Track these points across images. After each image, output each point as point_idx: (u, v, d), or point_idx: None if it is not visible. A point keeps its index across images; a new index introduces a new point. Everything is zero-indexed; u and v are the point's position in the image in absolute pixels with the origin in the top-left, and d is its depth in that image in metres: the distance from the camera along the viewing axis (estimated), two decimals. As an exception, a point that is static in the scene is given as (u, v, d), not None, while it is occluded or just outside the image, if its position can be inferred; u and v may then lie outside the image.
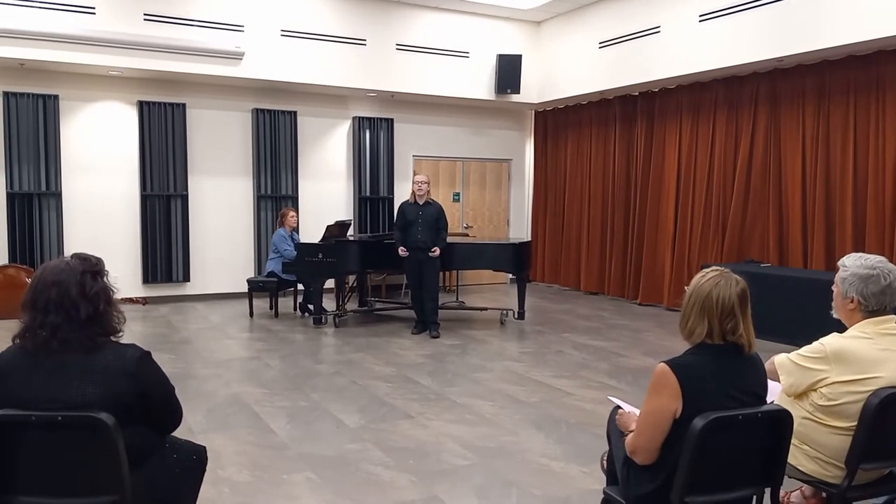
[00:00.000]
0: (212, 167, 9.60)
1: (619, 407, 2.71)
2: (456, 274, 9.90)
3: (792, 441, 2.35)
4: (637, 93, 9.82)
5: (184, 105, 9.29)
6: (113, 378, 2.13)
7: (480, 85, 10.44)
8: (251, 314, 8.47)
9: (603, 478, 2.87)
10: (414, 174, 7.63)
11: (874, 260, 2.68)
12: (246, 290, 8.62)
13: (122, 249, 9.06)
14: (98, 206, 9.00)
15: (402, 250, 7.30)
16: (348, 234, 8.95)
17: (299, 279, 8.38)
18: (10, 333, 2.22)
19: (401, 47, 9.85)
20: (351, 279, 9.37)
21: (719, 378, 2.23)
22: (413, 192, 7.40)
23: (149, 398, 2.22)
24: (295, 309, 8.81)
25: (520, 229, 11.99)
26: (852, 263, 2.70)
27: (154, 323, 8.05)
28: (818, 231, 7.68)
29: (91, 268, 2.23)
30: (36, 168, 8.52)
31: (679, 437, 2.17)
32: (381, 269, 9.67)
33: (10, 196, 8.42)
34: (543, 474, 3.79)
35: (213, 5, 8.68)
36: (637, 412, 2.53)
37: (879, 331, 2.61)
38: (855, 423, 2.51)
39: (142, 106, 9.08)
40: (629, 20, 9.14)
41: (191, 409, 4.73)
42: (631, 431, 2.40)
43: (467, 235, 10.73)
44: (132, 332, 7.16)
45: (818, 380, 2.59)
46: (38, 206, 8.57)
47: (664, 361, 2.24)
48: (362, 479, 3.70)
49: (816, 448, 2.62)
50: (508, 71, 10.34)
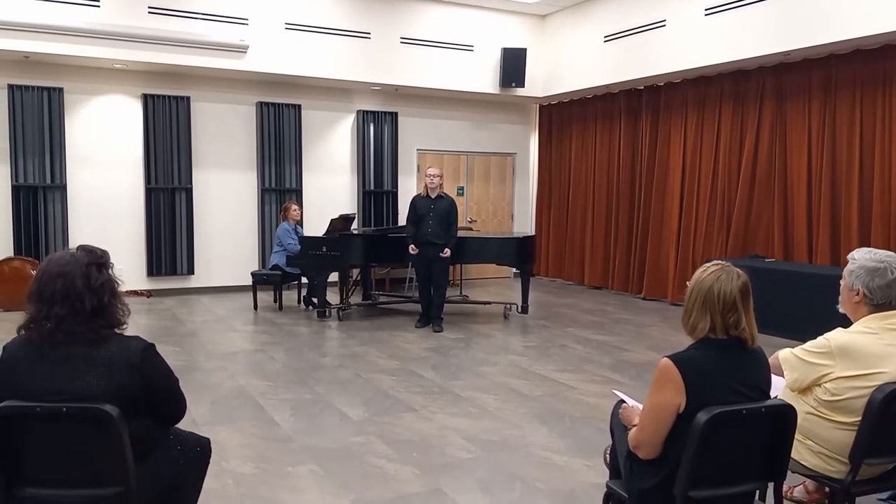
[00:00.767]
0: (216, 160, 9.61)
1: (623, 401, 2.71)
2: (460, 268, 9.90)
3: (796, 436, 2.34)
4: (642, 87, 9.78)
5: (188, 98, 9.29)
6: (117, 370, 2.14)
7: (485, 79, 10.42)
8: (255, 307, 8.48)
9: (606, 471, 2.87)
10: (427, 167, 7.58)
11: (883, 254, 2.67)
12: (250, 283, 8.63)
13: (127, 242, 9.09)
14: (103, 199, 9.02)
15: (413, 248, 7.23)
16: (352, 228, 8.96)
17: (303, 272, 8.39)
18: (16, 325, 2.22)
19: (405, 41, 9.83)
20: (355, 273, 9.37)
21: (723, 373, 2.23)
22: (426, 185, 7.35)
23: (153, 390, 2.23)
24: (299, 302, 8.82)
25: (524, 223, 11.97)
26: (861, 256, 2.70)
27: (159, 315, 8.07)
28: (823, 226, 7.66)
29: (96, 260, 2.23)
30: (41, 161, 8.54)
31: (682, 432, 2.17)
32: (385, 263, 9.68)
33: (16, 189, 8.45)
34: (547, 468, 3.80)
35: (218, -2, 8.69)
36: (641, 407, 2.53)
37: (885, 326, 2.60)
38: (859, 418, 2.50)
39: (146, 99, 9.09)
40: (635, 14, 9.10)
41: (195, 402, 4.73)
42: (634, 426, 2.40)
43: (471, 229, 10.72)
44: (137, 325, 7.18)
45: (822, 375, 2.58)
46: (44, 199, 8.59)
47: (667, 356, 2.24)
48: (366, 472, 3.71)
49: (820, 443, 2.62)
50: (513, 65, 10.31)
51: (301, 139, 10.03)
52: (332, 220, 8.47)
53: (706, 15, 8.11)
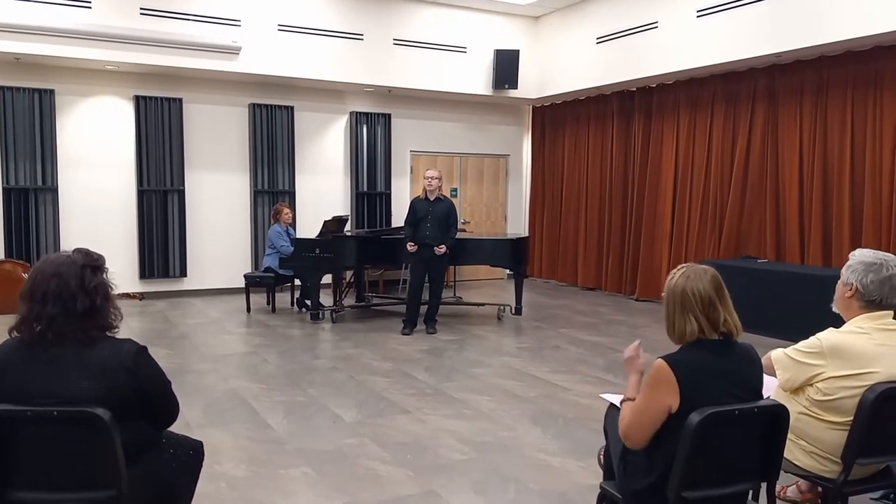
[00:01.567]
0: (208, 162, 9.58)
1: (614, 405, 2.72)
2: (454, 269, 9.90)
3: (788, 436, 2.35)
4: (635, 88, 9.81)
5: (180, 100, 9.26)
6: (109, 373, 2.13)
7: (478, 80, 10.42)
8: (248, 309, 8.46)
9: (600, 472, 2.88)
10: (426, 170, 7.53)
11: (883, 253, 2.69)
12: (243, 286, 8.61)
13: (119, 244, 9.05)
14: (94, 202, 8.98)
15: (411, 245, 7.19)
16: (345, 230, 8.95)
17: (296, 274, 8.37)
18: (7, 329, 2.21)
19: (398, 42, 9.82)
20: (348, 275, 9.36)
21: (716, 373, 2.24)
22: (424, 188, 7.32)
23: (145, 393, 2.22)
24: (292, 304, 8.80)
25: (517, 225, 11.98)
26: (860, 253, 2.72)
27: (151, 318, 8.04)
28: (815, 227, 7.69)
29: (92, 262, 2.23)
30: (32, 163, 8.50)
31: (675, 432, 2.17)
32: (379, 265, 9.67)
33: (6, 191, 8.40)
34: (541, 469, 3.80)
35: (210, 0, 8.65)
36: (642, 367, 2.53)
37: (876, 326, 2.62)
38: (851, 418, 2.51)
39: (138, 101, 9.06)
40: (627, 15, 9.13)
41: (188, 404, 4.72)
42: (630, 399, 2.41)
43: (465, 231, 10.72)
44: (129, 328, 7.15)
45: (814, 374, 2.59)
46: (35, 202, 8.55)
47: (662, 357, 2.24)
48: (359, 474, 3.70)
49: (813, 443, 2.62)
50: (506, 66, 10.32)
51: (294, 141, 10.01)
52: (326, 222, 8.46)
53: (698, 17, 8.14)
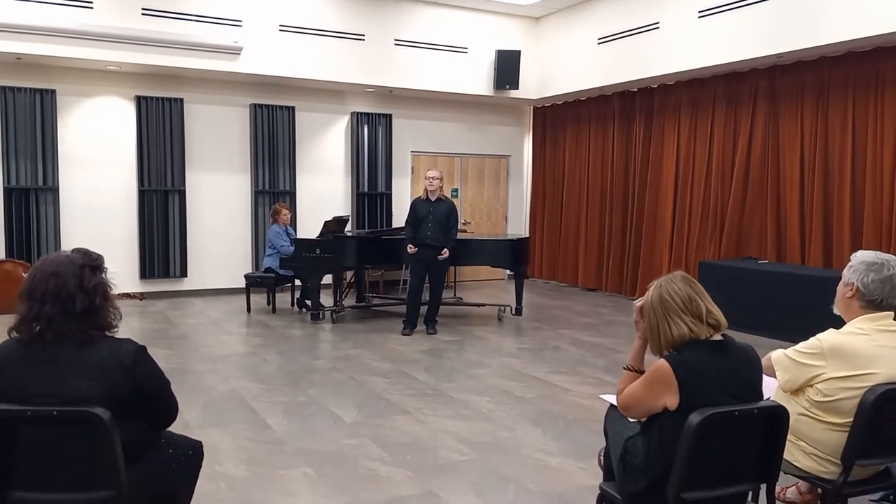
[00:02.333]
0: (209, 162, 9.58)
1: (614, 406, 2.72)
2: (454, 270, 9.89)
3: (788, 437, 2.35)
4: (636, 89, 9.80)
5: (181, 100, 9.27)
6: (109, 373, 2.13)
7: (479, 81, 10.42)
8: (248, 310, 8.46)
9: (600, 473, 2.87)
10: (427, 170, 7.51)
11: (886, 255, 2.69)
12: (243, 286, 8.61)
13: (120, 244, 9.05)
14: (95, 202, 8.98)
15: (411, 248, 7.17)
16: (346, 230, 8.95)
17: (297, 275, 8.37)
18: (7, 329, 2.21)
19: (399, 43, 9.82)
20: (349, 275, 9.36)
21: (716, 374, 2.24)
22: (425, 188, 7.31)
23: (145, 393, 2.22)
24: (292, 304, 8.80)
25: (518, 225, 11.98)
26: (862, 254, 2.72)
27: (151, 318, 8.04)
28: (816, 227, 7.68)
29: (91, 262, 2.23)
30: (33, 163, 8.50)
31: (675, 433, 2.17)
32: (379, 265, 9.67)
33: (7, 191, 8.41)
34: (540, 470, 3.80)
35: (212, 0, 8.65)
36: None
37: (876, 327, 2.61)
38: (851, 419, 2.51)
39: (139, 101, 9.06)
40: (628, 16, 9.12)
41: (188, 405, 4.72)
42: (633, 370, 2.54)
43: (465, 231, 10.72)
44: (129, 328, 7.15)
45: (814, 375, 2.59)
46: (36, 201, 8.55)
47: (664, 357, 2.25)
48: (359, 475, 3.70)
49: (812, 444, 2.62)
50: (507, 67, 10.32)
51: (295, 141, 10.01)
52: (326, 223, 8.46)
53: (699, 17, 8.13)
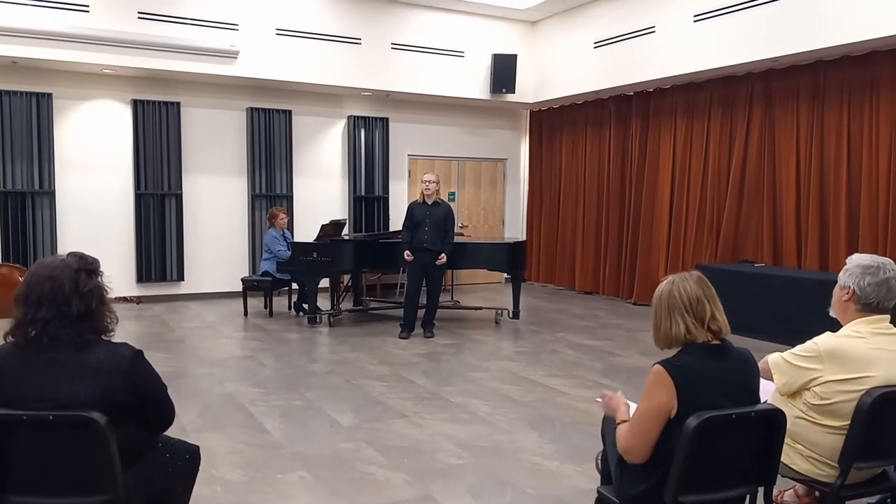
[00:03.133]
0: (206, 166, 9.58)
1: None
2: (451, 273, 9.89)
3: (785, 440, 2.35)
4: (632, 93, 9.82)
5: (178, 104, 9.26)
6: (105, 377, 2.12)
7: (476, 84, 10.43)
8: (245, 313, 8.45)
9: (597, 477, 2.87)
10: (424, 174, 7.52)
11: (881, 258, 2.69)
12: (240, 290, 8.60)
13: (117, 248, 9.03)
14: (92, 205, 8.97)
15: (408, 255, 7.17)
16: (343, 234, 8.94)
17: (294, 278, 8.36)
18: (3, 333, 2.21)
19: (396, 46, 9.83)
20: (346, 278, 9.35)
21: (714, 377, 2.24)
22: (422, 192, 7.31)
23: (141, 397, 2.21)
24: (289, 308, 8.79)
25: (515, 229, 11.99)
26: (858, 257, 2.72)
27: (148, 322, 8.03)
28: (812, 231, 7.70)
29: (86, 266, 2.23)
30: (29, 166, 8.48)
31: (673, 437, 2.17)
32: (376, 269, 9.67)
33: (3, 195, 8.39)
34: (538, 473, 3.80)
35: (208, 4, 8.66)
36: (629, 403, 2.54)
37: (873, 330, 2.61)
38: (848, 423, 2.51)
39: (136, 104, 9.05)
40: (624, 20, 9.15)
41: (185, 409, 4.71)
42: (623, 421, 2.40)
43: (462, 235, 10.72)
44: (126, 331, 7.13)
45: (811, 379, 2.59)
46: (32, 205, 8.53)
47: (659, 362, 2.25)
48: (356, 479, 3.69)
49: (810, 447, 2.62)
50: (504, 70, 10.34)
51: (292, 145, 10.01)
52: (323, 226, 8.45)
53: (695, 21, 8.16)
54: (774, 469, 2.33)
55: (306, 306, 8.20)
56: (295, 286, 8.64)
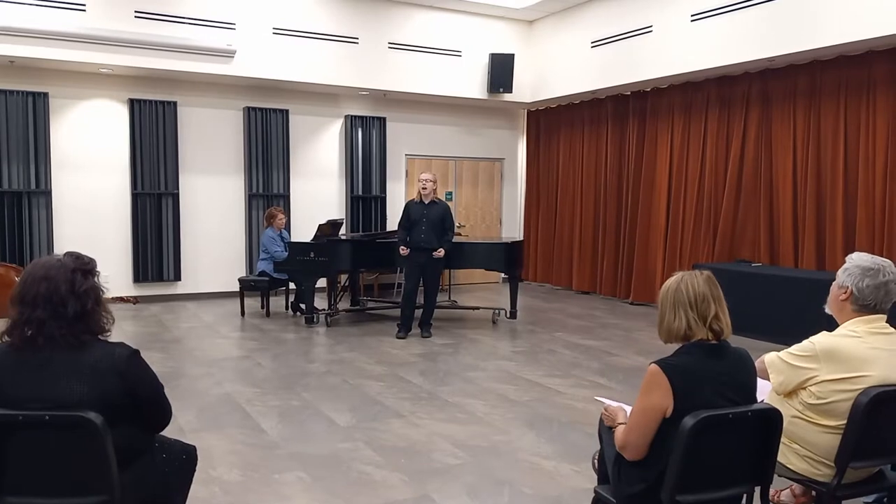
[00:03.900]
0: (203, 165, 9.56)
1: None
2: (449, 273, 9.90)
3: (782, 439, 2.35)
4: (629, 92, 9.83)
5: (175, 103, 9.25)
6: (101, 376, 2.12)
7: (473, 84, 10.43)
8: (242, 313, 8.44)
9: (594, 476, 2.87)
10: (421, 173, 7.52)
11: (880, 259, 2.69)
12: (237, 289, 8.58)
13: (113, 248, 9.02)
14: (88, 205, 8.95)
15: (403, 249, 7.18)
16: (340, 233, 8.94)
17: (291, 278, 8.35)
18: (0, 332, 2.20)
19: (393, 46, 9.83)
20: (343, 278, 9.35)
21: (710, 377, 2.24)
22: (419, 191, 7.31)
23: (138, 397, 2.21)
24: (287, 308, 8.78)
25: (512, 228, 11.99)
26: (858, 257, 2.72)
27: (145, 322, 8.01)
28: (809, 230, 7.71)
29: (83, 266, 2.22)
30: (25, 166, 8.46)
31: (670, 436, 2.18)
32: (374, 269, 9.66)
33: (0, 194, 8.36)
34: (535, 473, 3.80)
35: (205, 3, 8.64)
36: (624, 406, 2.55)
37: (869, 329, 2.62)
38: (844, 422, 2.52)
39: (132, 104, 9.03)
40: (621, 20, 9.15)
41: (182, 409, 4.71)
42: (621, 423, 2.42)
43: (459, 234, 10.71)
44: (123, 331, 7.12)
45: (808, 378, 2.59)
46: (28, 205, 8.51)
47: (655, 361, 2.25)
48: (354, 479, 3.69)
49: (806, 446, 2.63)
50: (501, 70, 10.34)
51: (289, 144, 10.00)
52: (320, 226, 8.45)
53: (692, 21, 8.17)
54: (771, 468, 2.34)
55: (303, 306, 8.19)
56: (292, 286, 8.63)
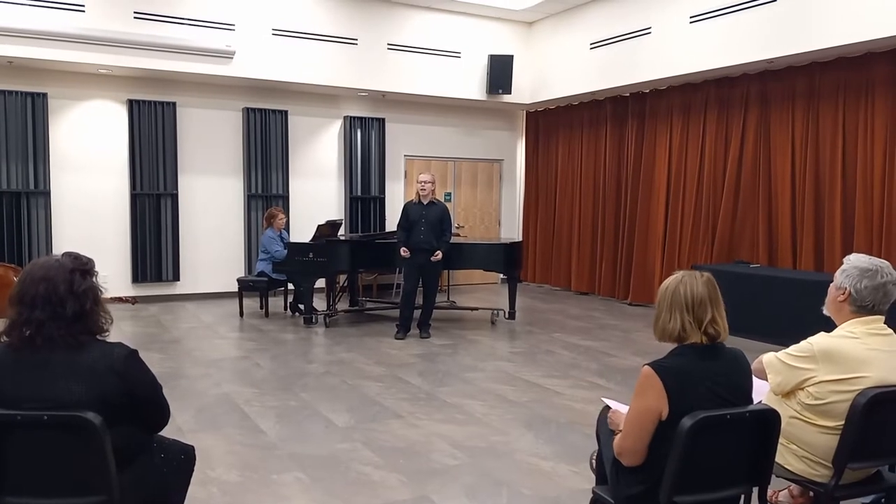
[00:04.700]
0: (202, 166, 9.56)
1: (607, 408, 2.72)
2: (447, 274, 9.90)
3: (780, 440, 2.35)
4: (628, 94, 9.84)
5: (174, 104, 9.25)
6: (100, 377, 2.12)
7: (472, 85, 10.44)
8: (241, 314, 8.43)
9: (592, 477, 2.87)
10: (419, 174, 7.53)
11: (878, 260, 2.69)
12: (236, 290, 8.58)
13: (112, 248, 9.02)
14: (87, 205, 8.95)
15: (404, 251, 7.18)
16: (339, 234, 8.94)
17: (290, 279, 8.35)
18: (-2, 332, 2.21)
19: (392, 47, 9.83)
20: (342, 279, 9.34)
21: (704, 378, 2.24)
22: (417, 192, 7.31)
23: (136, 397, 2.21)
24: (285, 309, 8.78)
25: (511, 229, 11.99)
26: (855, 258, 2.72)
27: (144, 322, 8.01)
28: (807, 231, 7.72)
29: (81, 266, 2.23)
30: (24, 166, 8.46)
31: (667, 438, 2.18)
32: (372, 269, 9.66)
33: (-1, 194, 8.38)
34: (533, 474, 3.80)
35: (204, 4, 8.64)
36: (623, 413, 2.55)
37: (867, 330, 2.62)
38: (842, 423, 2.52)
39: (131, 104, 9.03)
40: (621, 21, 9.16)
41: (180, 409, 4.71)
42: (621, 431, 2.41)
43: (458, 235, 10.71)
44: (122, 332, 7.12)
45: (806, 379, 2.60)
46: (27, 205, 8.51)
47: (648, 364, 2.25)
48: (352, 479, 3.69)
49: (804, 447, 2.63)
50: (500, 71, 10.35)
51: (288, 145, 10.00)
52: (319, 226, 8.45)
53: (691, 22, 8.17)
54: (769, 469, 2.34)
55: (302, 307, 8.19)
56: (291, 286, 8.63)
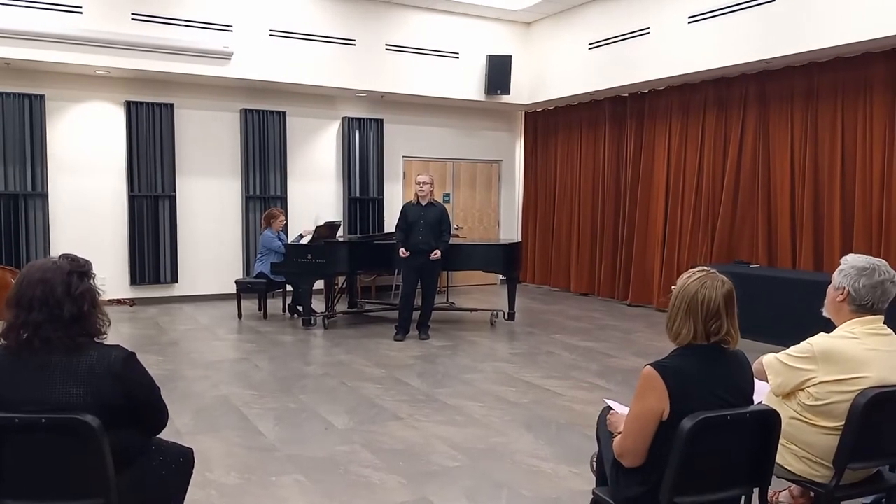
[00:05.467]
0: (200, 168, 9.55)
1: (612, 408, 2.71)
2: (447, 275, 9.89)
3: (780, 441, 2.35)
4: (627, 94, 9.84)
5: (172, 105, 9.23)
6: (98, 379, 2.11)
7: (470, 86, 10.43)
8: (240, 315, 8.42)
9: (593, 478, 2.87)
10: (417, 175, 7.53)
11: (875, 259, 2.69)
12: (234, 292, 8.57)
13: (110, 250, 9.00)
14: (85, 207, 8.93)
15: (403, 252, 7.18)
16: (338, 235, 8.93)
17: (288, 280, 8.34)
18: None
19: (390, 48, 9.83)
20: (340, 280, 9.33)
21: (705, 379, 2.23)
22: (416, 193, 7.31)
23: (134, 399, 2.21)
24: (284, 310, 8.77)
25: (510, 230, 11.99)
26: (853, 258, 2.72)
27: (142, 324, 7.99)
28: (807, 232, 7.72)
29: (78, 268, 2.22)
30: (22, 168, 8.44)
31: (667, 439, 2.17)
32: (371, 270, 9.65)
33: (-4, 196, 8.36)
34: (533, 475, 3.79)
35: (202, 5, 8.63)
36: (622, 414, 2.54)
37: (867, 331, 2.62)
38: (842, 423, 2.52)
39: (129, 106, 9.02)
40: (619, 21, 9.16)
41: (179, 411, 4.70)
42: (620, 433, 2.40)
43: (457, 236, 10.71)
44: (120, 334, 7.11)
45: (806, 379, 2.59)
46: (24, 207, 8.49)
47: (650, 364, 2.24)
48: (351, 481, 3.68)
49: (804, 448, 2.62)
50: (498, 72, 10.34)
51: (286, 146, 9.99)
52: (318, 228, 8.44)
53: (690, 23, 8.17)
54: (769, 470, 2.33)
55: (301, 308, 8.17)
56: (289, 288, 8.61)
